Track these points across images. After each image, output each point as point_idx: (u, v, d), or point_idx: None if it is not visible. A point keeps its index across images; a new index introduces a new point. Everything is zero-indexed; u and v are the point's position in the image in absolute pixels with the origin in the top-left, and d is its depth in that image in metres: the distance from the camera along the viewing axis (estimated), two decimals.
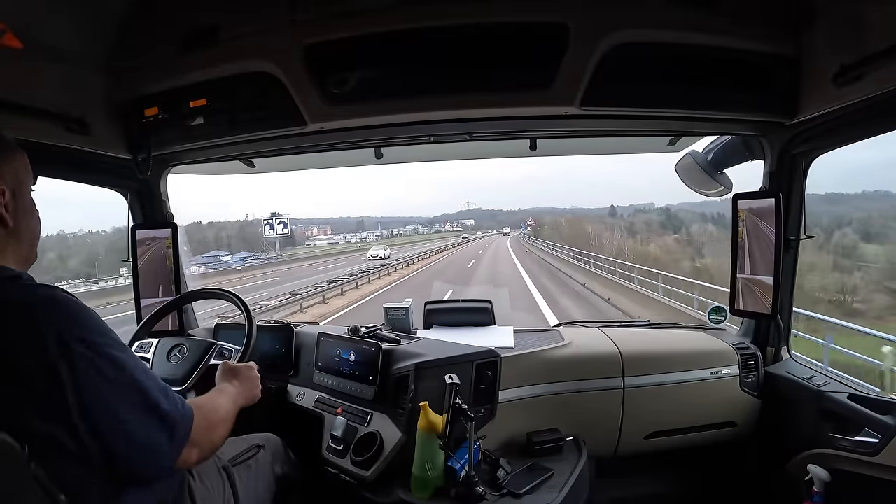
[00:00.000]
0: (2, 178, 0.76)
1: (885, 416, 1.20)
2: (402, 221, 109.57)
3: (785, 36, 1.19)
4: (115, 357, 0.71)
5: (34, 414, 0.65)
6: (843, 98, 1.11)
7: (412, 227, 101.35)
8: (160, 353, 1.37)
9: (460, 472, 1.14)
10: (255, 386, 1.09)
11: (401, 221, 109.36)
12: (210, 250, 26.06)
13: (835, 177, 17.30)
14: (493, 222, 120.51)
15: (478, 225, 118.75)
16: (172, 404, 0.77)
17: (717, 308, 1.80)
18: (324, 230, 73.19)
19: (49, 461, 0.65)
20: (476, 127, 1.44)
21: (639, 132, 1.55)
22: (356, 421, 1.38)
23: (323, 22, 1.21)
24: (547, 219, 69.15)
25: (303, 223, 74.55)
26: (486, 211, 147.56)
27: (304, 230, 68.26)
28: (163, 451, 0.75)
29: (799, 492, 1.35)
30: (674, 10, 1.17)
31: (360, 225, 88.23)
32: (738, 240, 1.56)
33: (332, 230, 74.65)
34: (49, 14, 1.11)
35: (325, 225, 78.27)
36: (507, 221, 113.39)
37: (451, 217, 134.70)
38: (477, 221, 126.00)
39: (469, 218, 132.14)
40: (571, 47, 1.17)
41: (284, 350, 1.68)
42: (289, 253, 42.21)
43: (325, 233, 71.64)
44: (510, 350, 1.52)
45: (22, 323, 0.66)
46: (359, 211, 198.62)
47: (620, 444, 1.57)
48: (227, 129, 1.40)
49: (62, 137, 1.27)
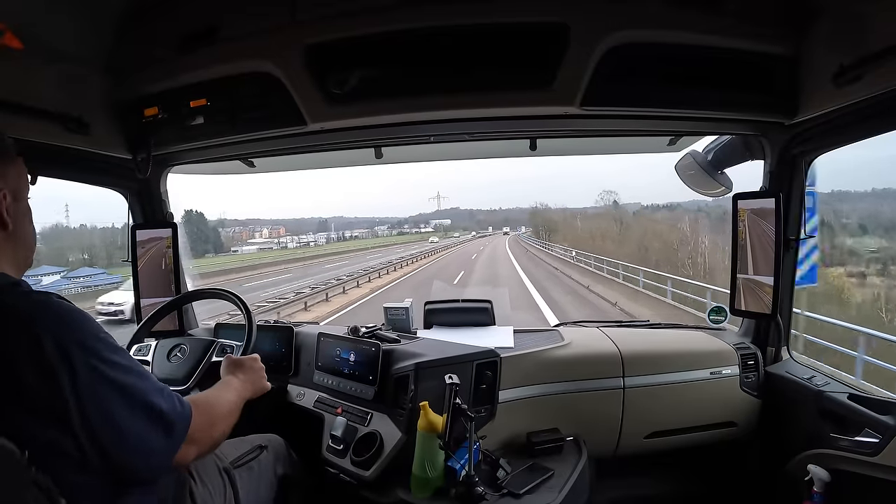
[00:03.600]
0: (4, 180, 0.77)
1: (886, 416, 1.20)
2: (375, 222, 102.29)
3: (785, 36, 1.19)
4: (112, 360, 0.72)
5: (34, 419, 0.66)
6: (842, 98, 1.11)
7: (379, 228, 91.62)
8: (160, 353, 1.37)
9: (460, 472, 1.14)
10: (261, 377, 1.10)
11: (373, 222, 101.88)
12: (43, 265, 16.07)
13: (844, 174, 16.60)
14: (471, 222, 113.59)
15: (454, 225, 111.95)
16: (169, 403, 0.77)
17: (717, 308, 1.80)
18: (276, 231, 66.73)
19: (49, 466, 0.65)
20: (476, 127, 1.44)
21: (639, 132, 1.55)
22: (356, 421, 1.38)
23: (323, 22, 1.21)
24: (554, 215, 57.04)
25: (251, 224, 67.76)
26: (465, 210, 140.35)
27: (248, 232, 61.66)
28: (160, 449, 0.75)
29: (799, 492, 1.35)
30: (674, 11, 1.17)
31: (322, 226, 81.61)
32: (739, 240, 1.56)
33: (286, 232, 68.11)
34: (49, 14, 1.11)
35: (279, 226, 70.95)
36: (487, 221, 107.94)
37: (427, 217, 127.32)
38: (454, 221, 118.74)
39: (445, 217, 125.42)
40: (571, 47, 1.17)
41: (284, 350, 1.68)
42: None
43: (279, 234, 65.24)
44: (510, 350, 1.52)
45: (20, 329, 0.67)
46: (333, 211, 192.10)
47: (620, 444, 1.57)
48: (227, 128, 1.40)
49: (62, 137, 1.27)
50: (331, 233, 73.45)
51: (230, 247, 54.71)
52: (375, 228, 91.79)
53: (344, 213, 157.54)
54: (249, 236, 60.13)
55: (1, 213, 0.76)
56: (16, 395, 0.65)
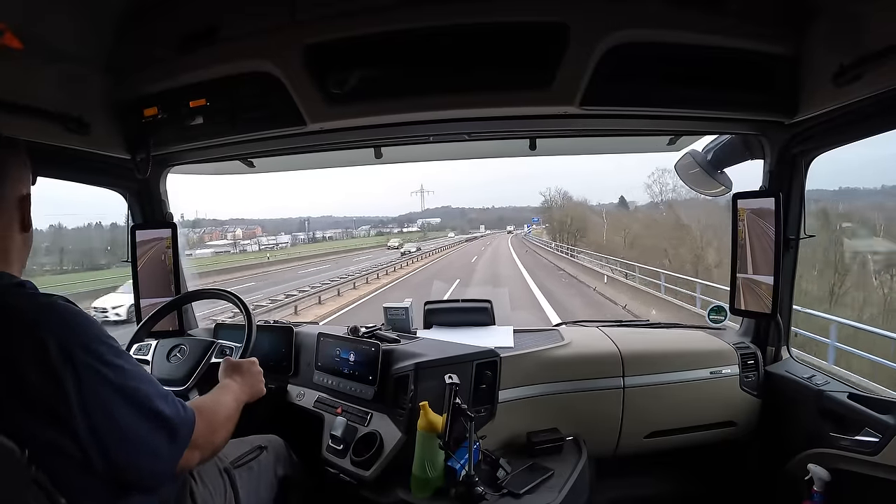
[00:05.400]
0: (24, 184, 0.80)
1: (885, 415, 1.20)
2: (360, 222, 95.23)
3: (785, 36, 1.19)
4: (116, 364, 0.72)
5: (34, 419, 0.65)
6: (842, 97, 1.11)
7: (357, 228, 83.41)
8: (160, 354, 1.37)
9: (460, 472, 1.14)
10: (258, 381, 1.09)
11: (360, 222, 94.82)
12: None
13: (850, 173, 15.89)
14: (462, 221, 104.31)
15: (443, 224, 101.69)
16: (173, 408, 0.77)
17: (717, 308, 1.80)
18: (251, 232, 61.88)
19: (49, 466, 0.65)
20: (475, 127, 1.44)
21: (639, 132, 1.55)
22: (356, 421, 1.38)
23: (323, 22, 1.21)
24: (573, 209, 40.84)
25: (233, 224, 62.42)
26: (457, 209, 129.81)
27: (220, 232, 56.36)
28: (164, 455, 0.75)
29: (799, 491, 1.35)
30: (674, 10, 1.16)
31: (302, 225, 75.50)
32: (738, 239, 1.56)
33: (262, 231, 62.97)
34: (49, 14, 1.11)
35: (255, 226, 66.24)
36: (480, 220, 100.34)
37: (418, 216, 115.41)
38: (444, 220, 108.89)
39: (435, 216, 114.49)
40: (571, 47, 1.17)
41: (284, 350, 1.68)
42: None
43: (254, 234, 60.43)
44: (510, 350, 1.52)
45: (25, 330, 0.67)
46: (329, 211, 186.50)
47: (620, 443, 1.56)
48: (227, 129, 1.39)
49: (62, 137, 1.27)
50: (302, 234, 68.16)
51: (188, 250, 50.66)
52: (350, 229, 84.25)
53: (334, 212, 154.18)
54: (221, 237, 55.30)
55: (26, 216, 0.79)
56: (17, 395, 0.65)
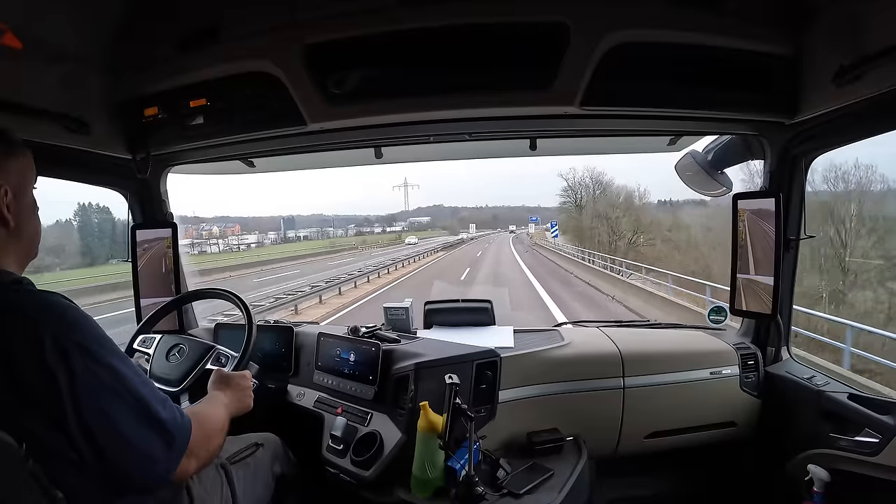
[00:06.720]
0: (5, 176, 0.76)
1: (885, 416, 1.20)
2: (351, 220, 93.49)
3: (785, 36, 1.19)
4: (113, 366, 0.72)
5: (32, 416, 0.66)
6: (842, 98, 1.11)
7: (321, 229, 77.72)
8: (160, 350, 1.38)
9: (460, 472, 1.13)
10: (246, 396, 1.09)
11: (345, 220, 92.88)
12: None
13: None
14: (453, 220, 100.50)
15: (433, 223, 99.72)
16: (170, 414, 0.77)
17: (718, 308, 1.80)
18: (230, 230, 61.16)
19: (46, 461, 0.65)
20: (476, 127, 1.44)
21: (639, 132, 1.55)
22: (356, 421, 1.38)
23: (323, 22, 1.21)
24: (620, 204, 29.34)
25: (216, 223, 61.56)
26: (448, 208, 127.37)
27: (194, 230, 53.80)
28: (160, 460, 0.74)
29: (799, 492, 1.35)
30: (674, 10, 1.16)
31: (288, 224, 74.13)
32: (739, 240, 1.56)
33: (241, 230, 62.11)
34: (49, 14, 1.11)
35: (234, 224, 65.57)
36: (471, 219, 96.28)
37: (409, 214, 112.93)
38: (434, 219, 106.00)
39: (425, 215, 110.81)
40: (571, 47, 1.17)
41: (284, 350, 1.68)
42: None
43: (233, 233, 59.48)
44: (510, 350, 1.52)
45: (21, 327, 0.67)
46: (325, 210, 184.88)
47: (620, 444, 1.57)
48: (227, 128, 1.39)
49: (62, 137, 1.27)
50: (273, 233, 66.73)
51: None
52: (326, 229, 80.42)
53: (324, 210, 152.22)
54: (196, 235, 53.38)
55: (3, 211, 0.75)
56: (14, 391, 0.65)
